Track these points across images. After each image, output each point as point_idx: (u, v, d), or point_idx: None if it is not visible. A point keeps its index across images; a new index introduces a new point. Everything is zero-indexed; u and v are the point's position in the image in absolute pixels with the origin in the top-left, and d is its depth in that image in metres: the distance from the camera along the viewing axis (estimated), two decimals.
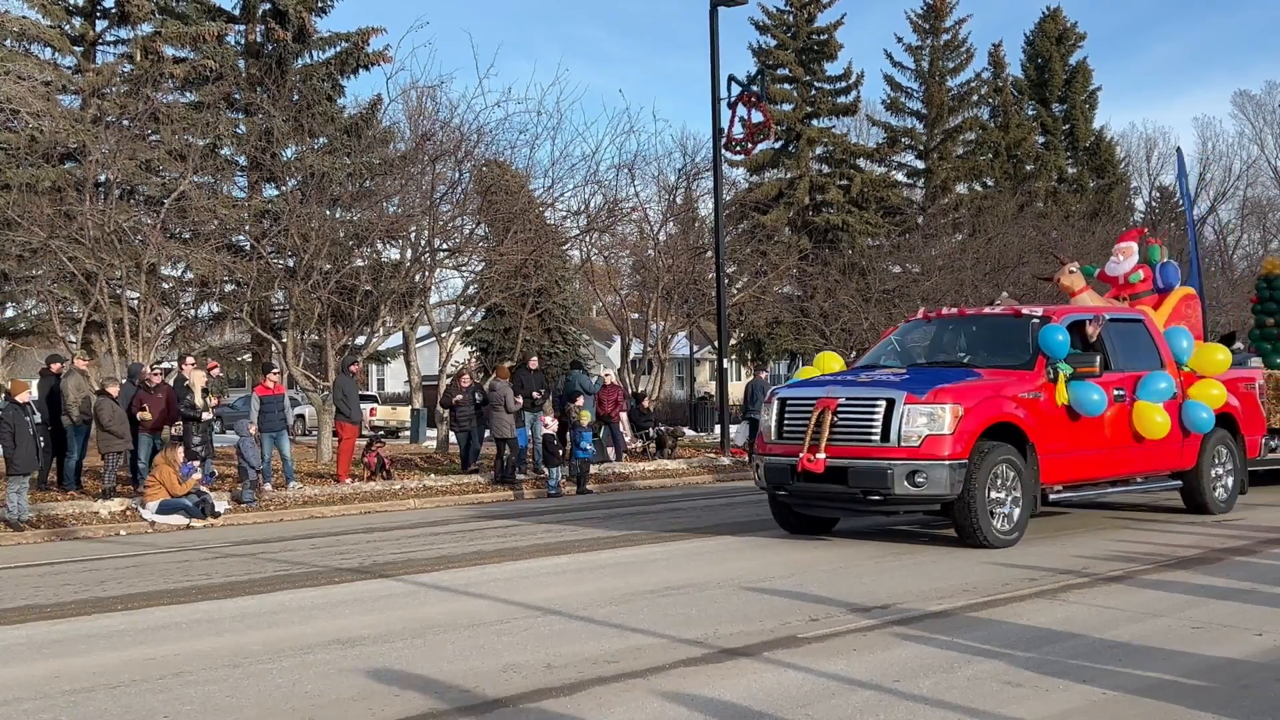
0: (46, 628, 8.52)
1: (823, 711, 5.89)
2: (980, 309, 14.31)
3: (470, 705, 6.10)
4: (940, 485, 10.80)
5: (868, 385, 11.52)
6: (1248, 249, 53.75)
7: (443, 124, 25.08)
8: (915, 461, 10.80)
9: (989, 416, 11.12)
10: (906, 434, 10.86)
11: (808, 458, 11.15)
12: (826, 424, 11.21)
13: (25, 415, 15.14)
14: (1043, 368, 11.80)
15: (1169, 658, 6.88)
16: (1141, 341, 13.24)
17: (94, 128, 24.08)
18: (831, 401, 11.36)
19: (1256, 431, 14.82)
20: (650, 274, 31.78)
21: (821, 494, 11.53)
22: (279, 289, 24.87)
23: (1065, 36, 51.01)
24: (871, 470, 10.95)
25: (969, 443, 10.91)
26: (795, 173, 43.76)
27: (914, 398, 10.92)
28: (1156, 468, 13.15)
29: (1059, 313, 12.59)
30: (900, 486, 10.83)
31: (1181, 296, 14.63)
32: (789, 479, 11.54)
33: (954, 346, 13.07)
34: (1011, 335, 12.49)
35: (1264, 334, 18.06)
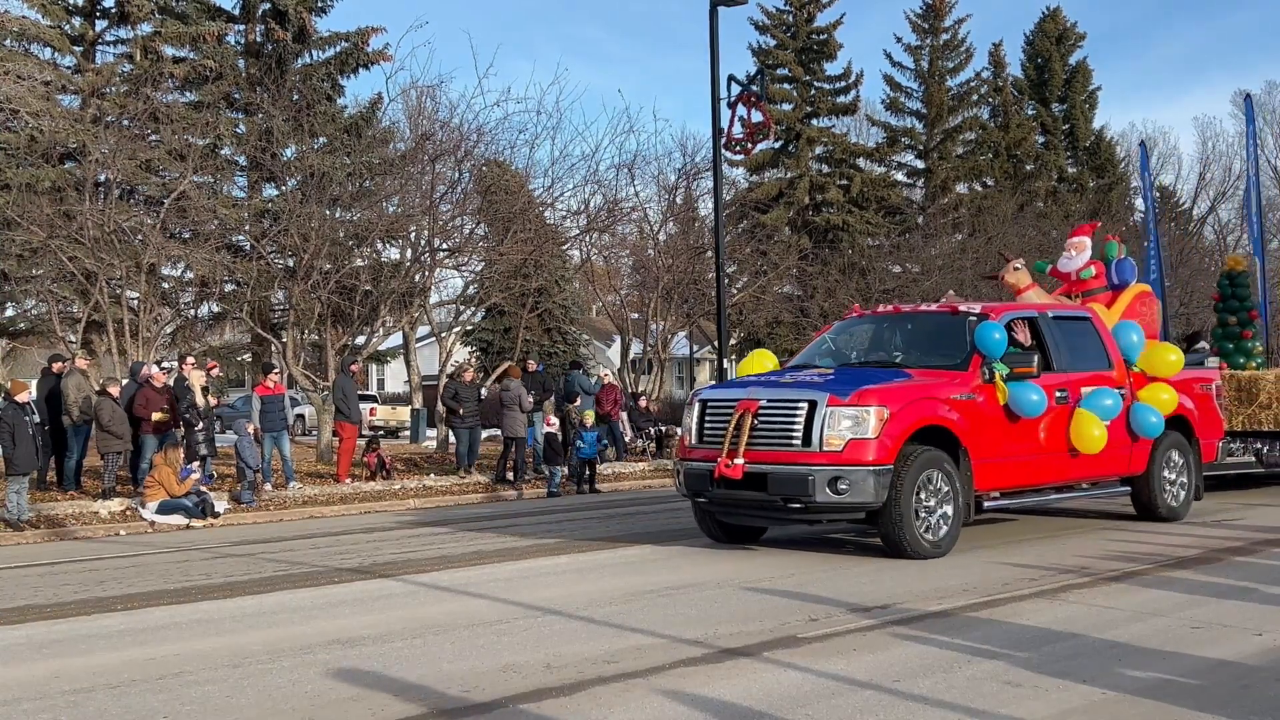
0: (46, 628, 8.52)
1: (823, 711, 5.89)
2: (916, 306, 13.78)
3: (470, 705, 6.10)
4: (864, 492, 10.21)
5: (790, 387, 10.93)
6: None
7: (442, 124, 25.11)
8: (838, 467, 10.20)
9: (917, 419, 10.54)
10: (829, 438, 10.27)
11: (725, 462, 10.57)
12: (746, 427, 10.64)
13: (25, 415, 15.15)
14: (978, 368, 11.23)
15: (1169, 658, 6.88)
16: (1088, 340, 12.62)
17: (94, 128, 24.09)
18: (752, 404, 10.76)
19: (1213, 435, 14.25)
20: (650, 274, 31.78)
21: (740, 501, 10.95)
22: (279, 289, 24.88)
23: (1065, 36, 51.01)
24: (791, 476, 10.36)
25: (895, 447, 10.33)
26: (795, 172, 43.77)
27: (837, 399, 10.33)
28: (1104, 473, 12.64)
29: (997, 310, 12.02)
30: (822, 494, 10.23)
31: (1136, 294, 14.04)
32: (708, 485, 10.95)
33: (889, 345, 12.52)
34: (947, 334, 11.90)
35: (1226, 333, 17.58)
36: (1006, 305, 12.51)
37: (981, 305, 12.21)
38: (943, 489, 10.68)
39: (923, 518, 10.56)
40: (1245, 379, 16.13)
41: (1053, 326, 12.27)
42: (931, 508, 10.62)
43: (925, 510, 10.58)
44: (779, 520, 11.25)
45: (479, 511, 16.89)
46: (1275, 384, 15.82)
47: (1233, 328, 17.56)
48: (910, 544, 10.42)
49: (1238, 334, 17.43)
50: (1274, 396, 15.70)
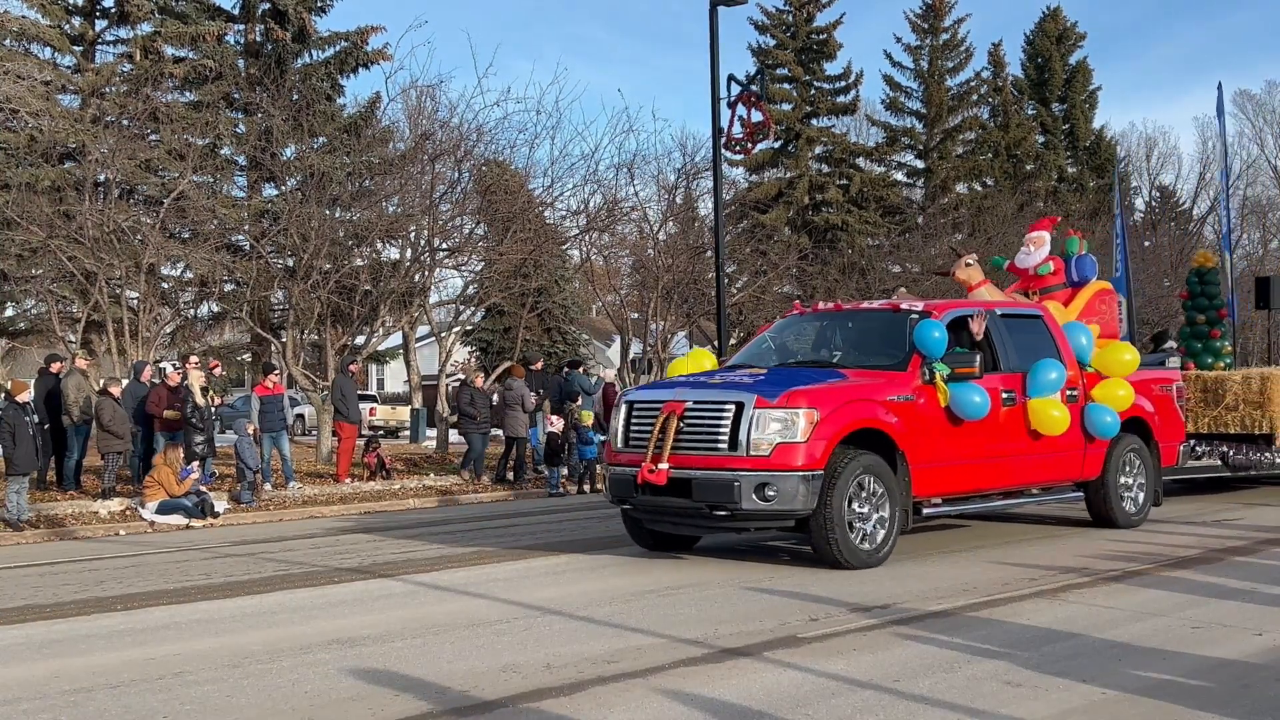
0: (46, 628, 8.51)
1: (823, 711, 5.89)
2: (857, 304, 13.26)
3: (470, 705, 6.10)
4: (793, 499, 9.71)
5: (718, 388, 10.42)
6: (1248, 249, 53.75)
7: (442, 123, 25.09)
8: (765, 473, 9.70)
9: (850, 422, 10.03)
10: (756, 441, 9.77)
11: (649, 468, 10.06)
12: (671, 430, 10.12)
13: (25, 415, 15.15)
14: (918, 368, 10.74)
15: (1169, 657, 6.88)
16: (1038, 339, 12.06)
17: (93, 127, 24.10)
18: (678, 405, 10.24)
19: (1174, 438, 13.67)
20: (650, 274, 31.76)
21: (666, 509, 10.41)
22: (279, 289, 24.87)
23: (1065, 36, 51.02)
24: (716, 482, 9.84)
25: (826, 451, 9.82)
26: (795, 172, 43.78)
27: (765, 401, 9.84)
28: (1056, 477, 12.12)
29: (940, 308, 11.50)
30: (748, 500, 9.71)
31: (1095, 291, 13.49)
32: (633, 491, 10.36)
33: (830, 345, 12.04)
34: (888, 332, 11.42)
35: (1194, 332, 16.97)
36: (950, 303, 11.98)
37: (924, 303, 11.73)
38: (878, 495, 10.20)
39: (856, 526, 10.07)
40: (1211, 379, 15.60)
41: (1000, 325, 11.73)
42: (866, 515, 10.13)
43: (859, 518, 10.09)
44: (706, 529, 10.72)
45: (479, 511, 16.89)
46: (1242, 385, 15.25)
47: (1201, 326, 16.96)
48: (842, 553, 9.91)
49: (1206, 333, 16.83)
50: (1240, 398, 15.14)
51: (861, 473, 10.06)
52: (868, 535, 10.16)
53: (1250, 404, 15.01)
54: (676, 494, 10.09)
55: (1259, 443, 15.08)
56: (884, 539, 10.24)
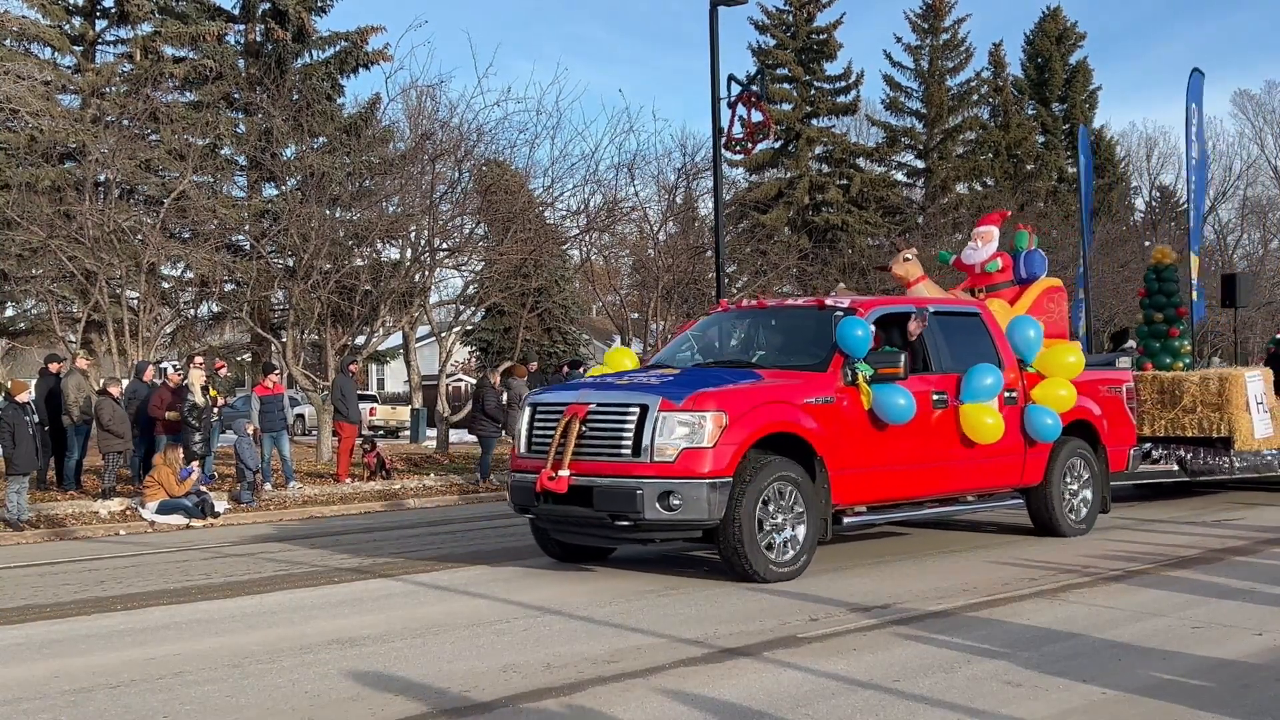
0: (46, 628, 8.51)
1: (823, 711, 5.89)
2: (782, 300, 12.47)
3: (470, 705, 6.10)
4: (699, 508, 9.12)
5: (624, 389, 9.85)
6: (1248, 248, 53.80)
7: (442, 123, 25.08)
8: (669, 480, 9.12)
9: (763, 426, 9.46)
10: (660, 447, 9.19)
11: (548, 474, 9.48)
12: (573, 435, 9.53)
13: (25, 415, 15.15)
14: (839, 368, 10.15)
15: (1169, 657, 6.88)
16: (976, 338, 11.50)
17: (94, 127, 24.10)
18: (581, 408, 9.66)
19: (1124, 441, 13.10)
20: (650, 274, 31.76)
21: (566, 518, 9.87)
22: (279, 289, 24.88)
23: (1065, 36, 51.04)
24: (618, 490, 9.25)
25: (736, 457, 9.26)
26: (795, 172, 43.79)
27: (670, 404, 9.25)
28: (993, 483, 11.50)
29: (867, 304, 10.90)
30: (651, 510, 9.13)
31: (1044, 289, 12.97)
32: (534, 500, 9.80)
33: (752, 343, 11.49)
34: (811, 330, 10.84)
35: (1153, 331, 16.22)
36: (879, 300, 11.50)
37: (850, 299, 11.11)
38: (794, 503, 9.61)
39: (768, 535, 9.46)
40: (1168, 380, 14.96)
41: (933, 323, 11.10)
42: (780, 524, 9.54)
43: (773, 527, 9.48)
44: (611, 539, 10.13)
45: (479, 511, 16.88)
46: (1199, 386, 14.62)
47: (1159, 325, 16.17)
48: (751, 565, 9.32)
49: (1164, 332, 16.06)
50: (1198, 399, 14.56)
51: (775, 480, 9.48)
52: (781, 546, 9.55)
53: (1208, 406, 14.49)
54: (577, 503, 9.51)
55: (1217, 446, 14.45)
56: (800, 550, 9.63)
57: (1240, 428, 14.27)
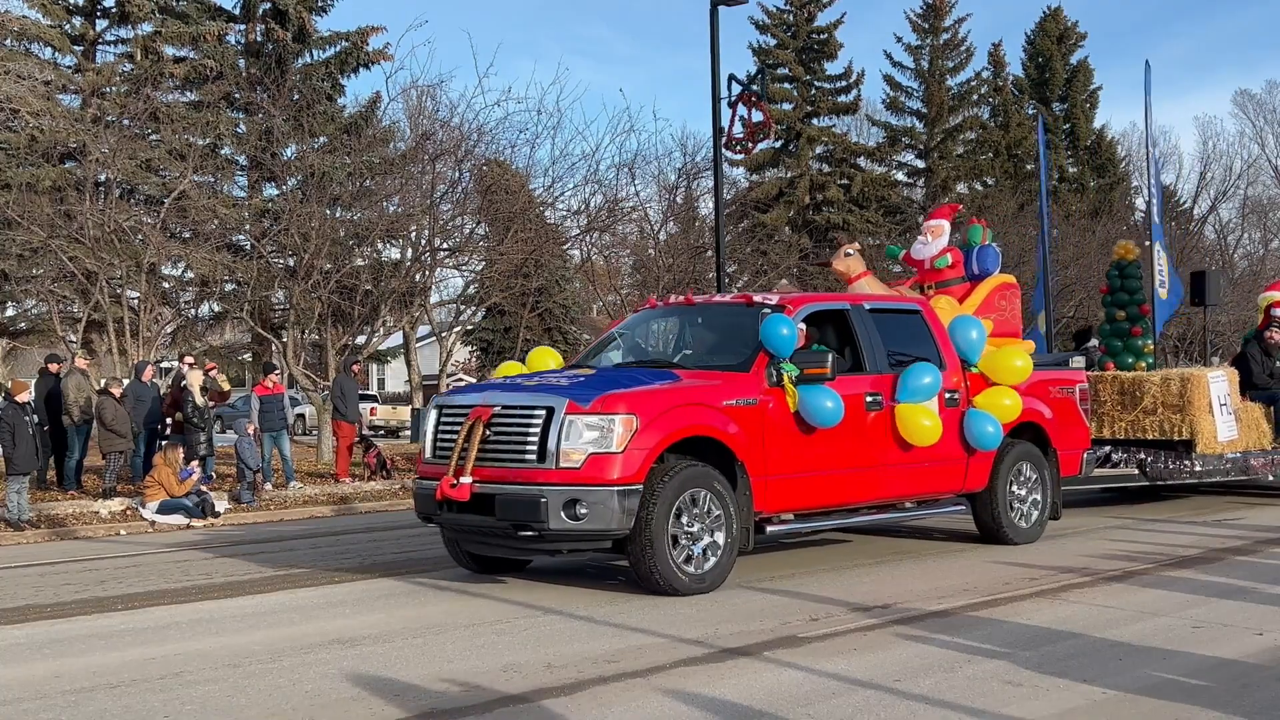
0: (46, 628, 8.51)
1: (823, 711, 5.89)
2: (710, 297, 12.04)
3: (470, 705, 6.10)
4: (607, 517, 8.60)
5: (530, 391, 9.36)
6: (1248, 248, 53.80)
7: (443, 123, 25.09)
8: (575, 487, 8.60)
9: (678, 429, 8.94)
10: (566, 452, 8.66)
11: (450, 481, 9.01)
12: (476, 439, 9.03)
13: (25, 415, 15.17)
14: (763, 368, 9.61)
15: (1169, 657, 6.88)
16: (916, 337, 10.97)
17: (94, 127, 24.09)
18: (486, 411, 9.15)
19: (1076, 445, 12.36)
20: (650, 274, 31.75)
21: (469, 528, 9.39)
22: (279, 288, 24.88)
23: (1066, 36, 51.03)
24: (520, 498, 8.75)
25: (647, 462, 8.73)
26: (795, 172, 43.81)
27: (576, 406, 8.73)
28: (934, 489, 10.94)
29: (796, 301, 10.38)
30: (556, 519, 8.61)
31: (995, 286, 12.42)
32: (436, 508, 9.30)
33: (678, 342, 11.01)
34: (737, 329, 10.30)
35: (1115, 329, 15.60)
36: (808, 296, 10.98)
37: (780, 296, 10.64)
38: (712, 512, 9.07)
39: (683, 545, 8.96)
40: (1129, 380, 14.31)
41: (868, 321, 10.61)
42: (696, 534, 9.01)
43: (688, 537, 8.97)
44: (517, 551, 9.54)
45: None
46: (1161, 387, 13.99)
47: (1121, 323, 15.51)
48: (664, 577, 8.79)
49: (1127, 330, 15.41)
50: (1159, 401, 13.93)
51: (691, 487, 8.95)
52: (696, 557, 9.01)
53: (1169, 407, 13.88)
54: (480, 511, 8.99)
55: (1178, 449, 13.85)
56: (717, 561, 9.10)
57: (1202, 430, 13.70)
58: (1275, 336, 15.20)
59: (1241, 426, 14.18)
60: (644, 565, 8.85)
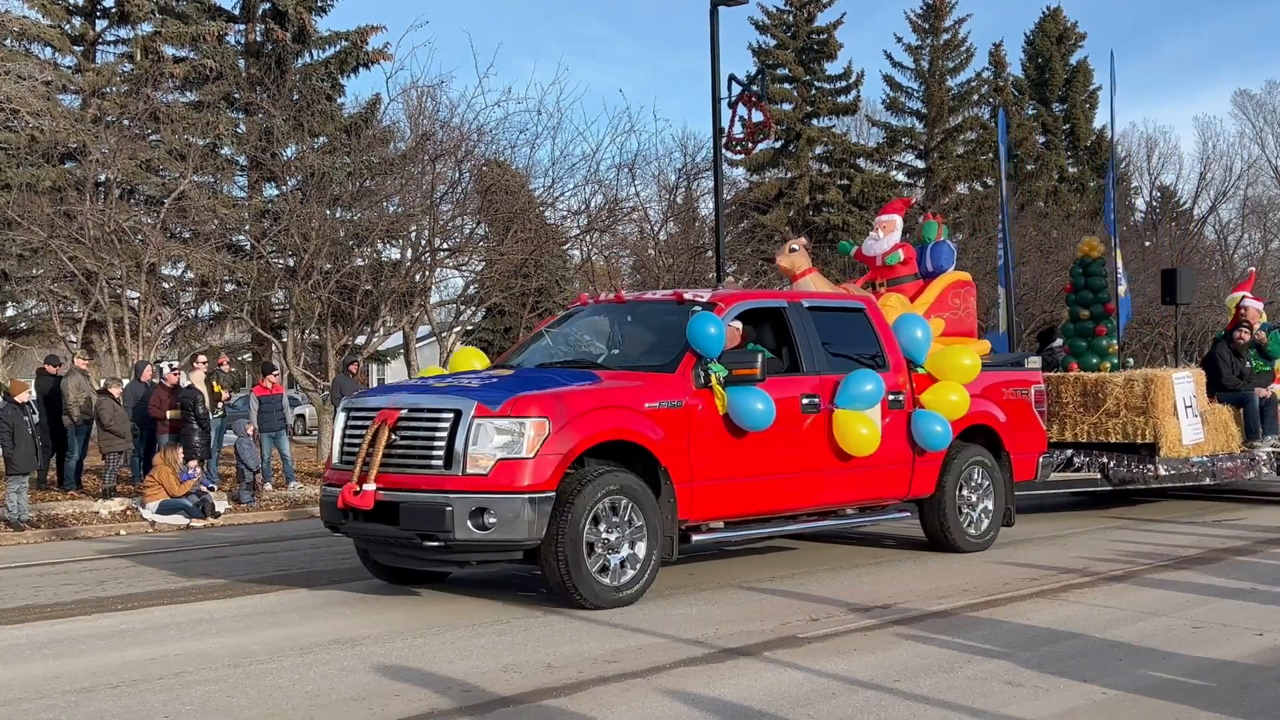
0: (46, 628, 8.51)
1: (823, 711, 5.89)
2: (640, 294, 11.59)
3: (471, 705, 6.10)
4: (516, 527, 8.14)
5: (440, 393, 8.86)
6: (1248, 249, 53.81)
7: (443, 124, 25.09)
8: (483, 495, 8.15)
9: (595, 433, 8.50)
10: (474, 457, 8.22)
11: (352, 489, 8.52)
12: (381, 444, 8.57)
13: (24, 415, 15.18)
14: (690, 369, 9.15)
15: (1169, 657, 6.88)
16: (859, 336, 10.54)
17: (94, 128, 24.09)
18: (392, 414, 8.69)
19: (1031, 448, 11.87)
20: (650, 274, 31.76)
21: (374, 537, 8.93)
22: (279, 289, 24.87)
23: (1065, 36, 51.04)
24: (425, 507, 8.27)
25: (560, 469, 8.29)
26: (795, 172, 43.81)
27: (485, 409, 8.28)
28: (877, 495, 10.50)
29: (729, 299, 9.91)
30: (462, 529, 8.14)
31: (949, 283, 12.02)
32: (341, 516, 8.84)
33: (607, 341, 10.56)
34: (666, 327, 9.80)
35: (1079, 329, 15.00)
36: (741, 294, 10.55)
37: (713, 293, 10.12)
38: (633, 521, 8.62)
39: (600, 556, 8.50)
40: (1092, 382, 13.81)
41: (807, 320, 10.16)
42: (614, 543, 8.55)
43: (605, 547, 8.51)
44: (425, 562, 8.94)
45: None
46: (1124, 388, 13.48)
47: (1085, 323, 14.92)
48: (578, 590, 8.33)
49: (1091, 330, 14.84)
50: (1122, 403, 13.44)
51: (608, 494, 8.49)
52: (614, 569, 8.56)
53: (1133, 410, 13.38)
54: (385, 520, 8.53)
55: (1141, 453, 13.33)
56: (638, 572, 8.66)
57: (1166, 433, 13.21)
58: (1245, 336, 14.79)
59: (1208, 429, 13.73)
60: (557, 577, 8.38)
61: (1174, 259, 38.99)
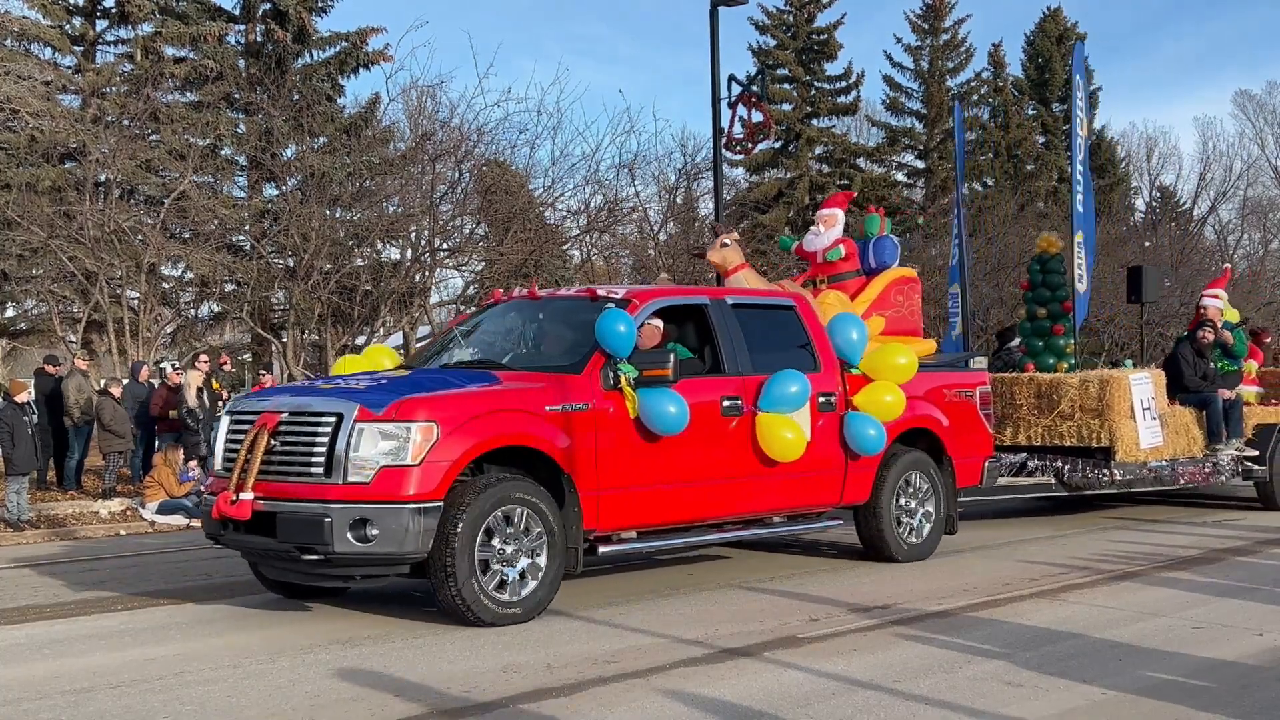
0: (46, 628, 8.51)
1: (823, 711, 5.89)
2: (554, 290, 11.17)
3: (470, 705, 6.10)
4: (400, 539, 7.59)
5: (324, 395, 8.30)
6: (1248, 249, 53.80)
7: (443, 124, 25.12)
8: (364, 505, 7.61)
9: (488, 438, 7.95)
10: (355, 464, 7.66)
11: (228, 498, 7.95)
12: (260, 449, 8.00)
13: (24, 415, 15.19)
14: (598, 369, 8.61)
15: (1169, 657, 6.89)
16: (788, 335, 9.98)
17: (94, 128, 24.09)
18: (272, 418, 8.11)
19: (976, 452, 11.32)
20: (651, 274, 31.76)
21: (254, 550, 8.38)
22: (279, 289, 24.89)
23: (1065, 36, 51.03)
24: (302, 518, 7.71)
25: (448, 476, 7.75)
26: (795, 173, 43.82)
27: (368, 412, 7.73)
28: (807, 502, 9.97)
29: (645, 295, 9.37)
30: (342, 541, 7.57)
31: (892, 280, 11.51)
32: (220, 527, 8.22)
33: (517, 339, 10.07)
34: (578, 326, 9.22)
35: (1035, 328, 14.42)
36: (658, 290, 9.94)
37: (628, 290, 9.58)
38: (531, 531, 8.08)
39: (495, 570, 7.95)
40: (1047, 383, 13.23)
41: (730, 318, 9.64)
42: (510, 556, 8.00)
43: (501, 560, 7.96)
44: (307, 576, 8.31)
45: None
46: (1079, 390, 12.93)
47: (1042, 321, 14.32)
48: (469, 605, 7.79)
49: (1048, 329, 14.24)
50: (1077, 404, 12.90)
51: (502, 504, 7.95)
52: (511, 583, 8.03)
53: (1088, 412, 12.85)
54: (263, 532, 7.97)
55: (1097, 457, 12.78)
56: (537, 586, 8.11)
57: (1123, 436, 12.65)
58: (1208, 336, 14.30)
59: (1168, 432, 13.17)
60: (446, 592, 7.83)
61: (1174, 259, 39.05)
